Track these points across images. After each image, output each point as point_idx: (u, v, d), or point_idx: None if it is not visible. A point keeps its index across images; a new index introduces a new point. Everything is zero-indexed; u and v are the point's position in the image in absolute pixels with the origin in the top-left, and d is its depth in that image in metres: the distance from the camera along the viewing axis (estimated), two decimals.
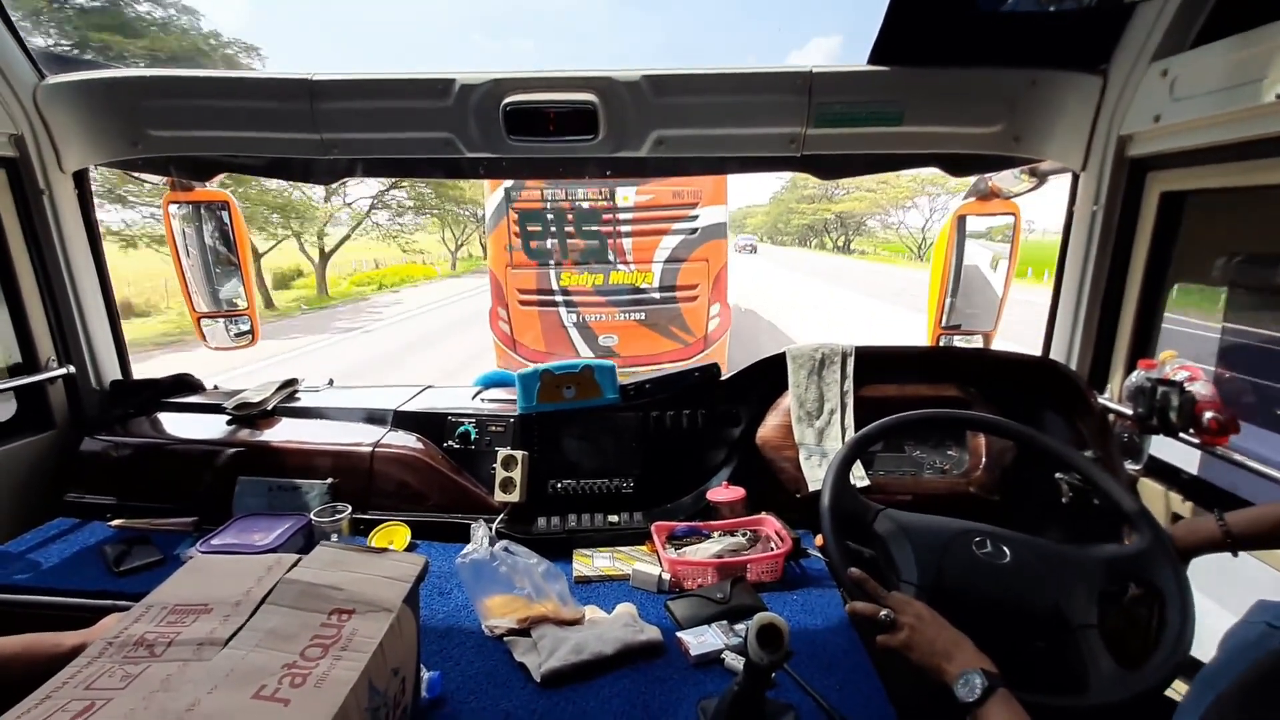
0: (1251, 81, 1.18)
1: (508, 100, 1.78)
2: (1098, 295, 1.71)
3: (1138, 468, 1.64)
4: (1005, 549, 1.18)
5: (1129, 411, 1.57)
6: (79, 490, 1.75)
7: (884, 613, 1.02)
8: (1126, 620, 1.24)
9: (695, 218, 6.52)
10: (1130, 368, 1.65)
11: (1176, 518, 1.50)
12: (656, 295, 6.63)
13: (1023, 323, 2.97)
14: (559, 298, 6.59)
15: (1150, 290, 1.62)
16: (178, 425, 1.87)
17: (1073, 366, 1.77)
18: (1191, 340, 1.69)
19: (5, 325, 1.78)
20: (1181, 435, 1.44)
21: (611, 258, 6.58)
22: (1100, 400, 1.70)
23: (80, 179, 1.89)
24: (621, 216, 6.54)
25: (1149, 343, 1.64)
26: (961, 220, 2.55)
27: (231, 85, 1.81)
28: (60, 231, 1.82)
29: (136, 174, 2.29)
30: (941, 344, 2.59)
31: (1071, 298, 1.77)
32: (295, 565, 0.93)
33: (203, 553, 1.44)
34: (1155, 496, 1.56)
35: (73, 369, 1.86)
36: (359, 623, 0.83)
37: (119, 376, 2.00)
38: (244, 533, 1.51)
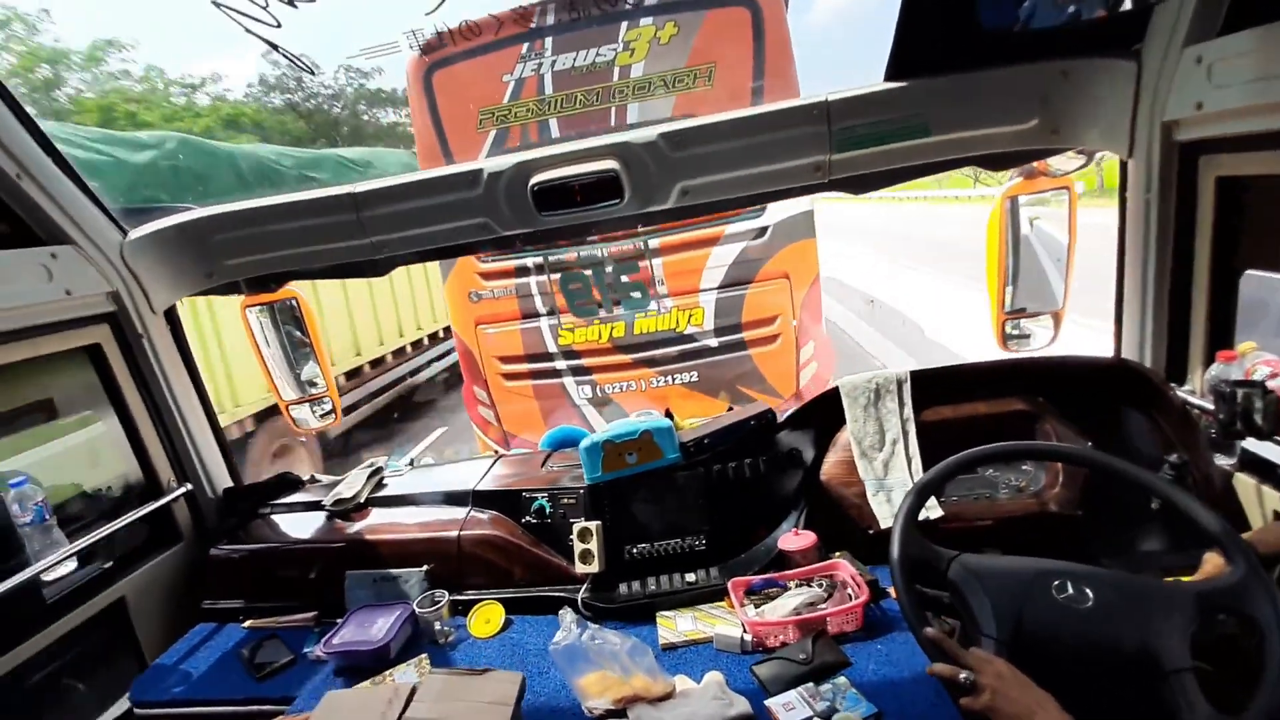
0: None
1: (534, 180, 1.85)
2: (1164, 286, 1.63)
3: (1231, 462, 1.56)
4: (1088, 590, 1.16)
5: (1211, 407, 1.49)
6: (213, 596, 1.95)
7: (964, 675, 1.03)
8: (1224, 657, 1.19)
9: (761, 211, 4.14)
10: (1209, 359, 1.57)
11: (1278, 516, 1.43)
12: (713, 342, 4.26)
13: None
14: (560, 364, 4.34)
15: (1220, 278, 1.53)
16: (288, 525, 2.06)
17: (1147, 362, 1.70)
18: None
19: (129, 457, 2.01)
20: (1275, 439, 1.37)
21: (634, 293, 4.20)
22: (1181, 393, 1.62)
23: (169, 314, 2.10)
24: (640, 228, 3.91)
25: (1226, 333, 1.55)
26: (1013, 201, 2.45)
27: (285, 209, 1.96)
28: (161, 366, 2.02)
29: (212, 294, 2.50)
30: (1007, 329, 2.51)
31: (1136, 291, 1.69)
32: (411, 697, 1.03)
33: (325, 654, 1.61)
34: (1251, 494, 1.48)
35: (190, 486, 2.07)
36: None
37: (229, 484, 2.21)
38: (360, 628, 1.66)
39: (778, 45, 3.92)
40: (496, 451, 3.97)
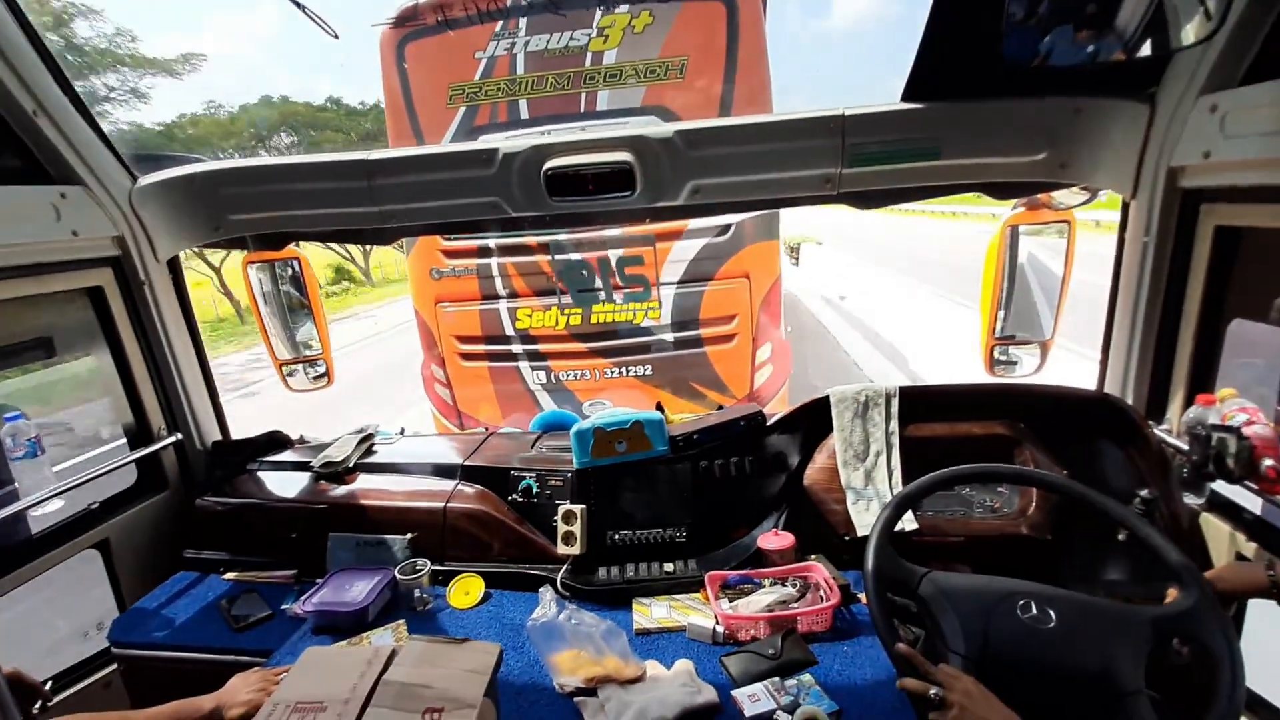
0: None
1: (548, 165, 1.87)
2: (1152, 327, 1.67)
3: (1200, 502, 1.61)
4: (1050, 612, 1.20)
5: (1185, 447, 1.54)
6: (195, 547, 1.97)
7: (933, 691, 1.06)
8: (1177, 689, 1.24)
9: None
10: (1188, 401, 1.61)
11: (1240, 557, 1.48)
12: (668, 337, 4.22)
13: None
14: (517, 347, 4.32)
15: (1207, 325, 1.57)
16: (274, 483, 2.07)
17: (1129, 399, 1.74)
18: None
19: (121, 401, 2.02)
20: (1243, 483, 1.41)
21: (594, 281, 4.16)
22: (1158, 431, 1.67)
23: (173, 264, 2.10)
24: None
25: (1208, 377, 1.60)
26: (1013, 230, 2.49)
27: (297, 170, 1.97)
28: (160, 314, 2.03)
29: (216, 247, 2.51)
30: (995, 354, 2.56)
31: (1125, 328, 1.74)
32: (391, 659, 1.06)
33: (304, 612, 1.64)
34: (1218, 535, 1.54)
35: (180, 436, 2.08)
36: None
37: (219, 438, 2.23)
38: (339, 590, 1.69)
39: (752, 45, 3.87)
40: (487, 428, 4.00)
